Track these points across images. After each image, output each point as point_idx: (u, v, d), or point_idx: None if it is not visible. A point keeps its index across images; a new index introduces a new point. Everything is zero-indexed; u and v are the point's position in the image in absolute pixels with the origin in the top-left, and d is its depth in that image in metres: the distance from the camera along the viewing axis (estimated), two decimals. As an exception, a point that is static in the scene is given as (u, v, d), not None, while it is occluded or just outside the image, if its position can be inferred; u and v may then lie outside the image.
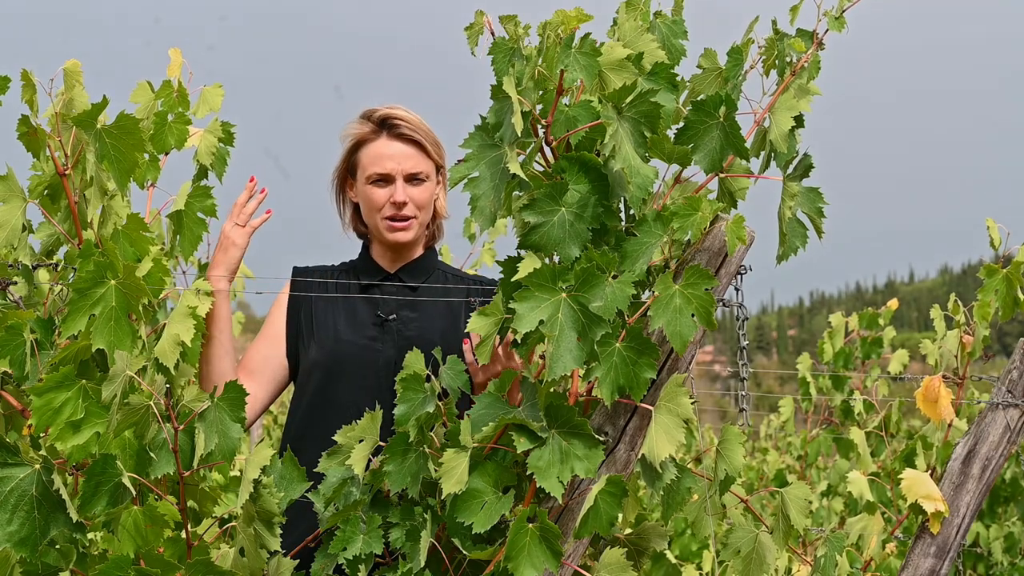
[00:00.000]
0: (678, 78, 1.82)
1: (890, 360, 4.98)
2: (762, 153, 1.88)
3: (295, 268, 2.47)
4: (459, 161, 1.78)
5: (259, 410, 2.37)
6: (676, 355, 1.78)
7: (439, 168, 2.43)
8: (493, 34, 1.79)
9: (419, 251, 2.44)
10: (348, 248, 2.56)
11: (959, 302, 3.23)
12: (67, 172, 1.96)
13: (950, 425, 3.14)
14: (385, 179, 2.36)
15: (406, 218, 2.36)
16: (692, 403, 1.69)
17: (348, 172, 2.45)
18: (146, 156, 2.12)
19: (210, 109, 2.32)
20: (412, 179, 2.36)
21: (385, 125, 2.38)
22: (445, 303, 2.37)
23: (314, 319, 2.38)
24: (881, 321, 5.15)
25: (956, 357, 3.18)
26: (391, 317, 2.35)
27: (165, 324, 1.83)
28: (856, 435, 3.75)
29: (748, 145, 1.80)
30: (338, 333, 2.35)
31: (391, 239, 2.37)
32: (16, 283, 2.05)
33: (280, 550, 1.81)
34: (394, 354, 2.29)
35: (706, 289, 1.68)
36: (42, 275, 2.18)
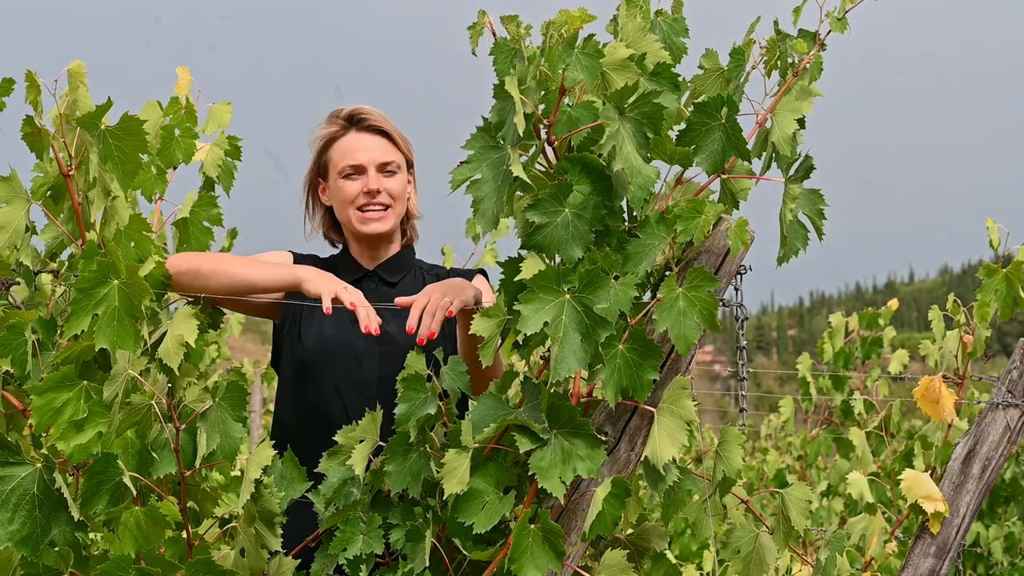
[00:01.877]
0: (679, 78, 1.81)
1: (890, 360, 4.98)
2: (764, 154, 1.88)
3: (293, 253, 2.43)
4: (461, 163, 1.77)
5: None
6: (676, 355, 1.78)
7: (410, 165, 2.43)
8: (495, 34, 1.78)
9: (396, 248, 2.43)
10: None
11: (959, 302, 3.23)
12: (71, 173, 1.96)
13: (950, 425, 3.15)
14: (357, 170, 2.35)
15: (381, 206, 2.35)
16: (694, 405, 1.69)
17: (319, 174, 2.43)
18: (153, 170, 2.13)
19: (218, 126, 2.34)
20: (384, 169, 2.36)
21: (353, 120, 2.38)
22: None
23: (302, 312, 2.35)
24: (881, 321, 5.16)
25: (956, 357, 3.18)
26: None
27: (165, 325, 1.83)
28: (856, 435, 3.75)
29: (750, 147, 1.80)
30: (321, 329, 2.33)
31: (366, 231, 2.35)
32: (18, 283, 2.06)
33: (281, 550, 1.81)
34: (374, 348, 2.28)
35: (709, 291, 1.68)
36: (45, 276, 2.18)
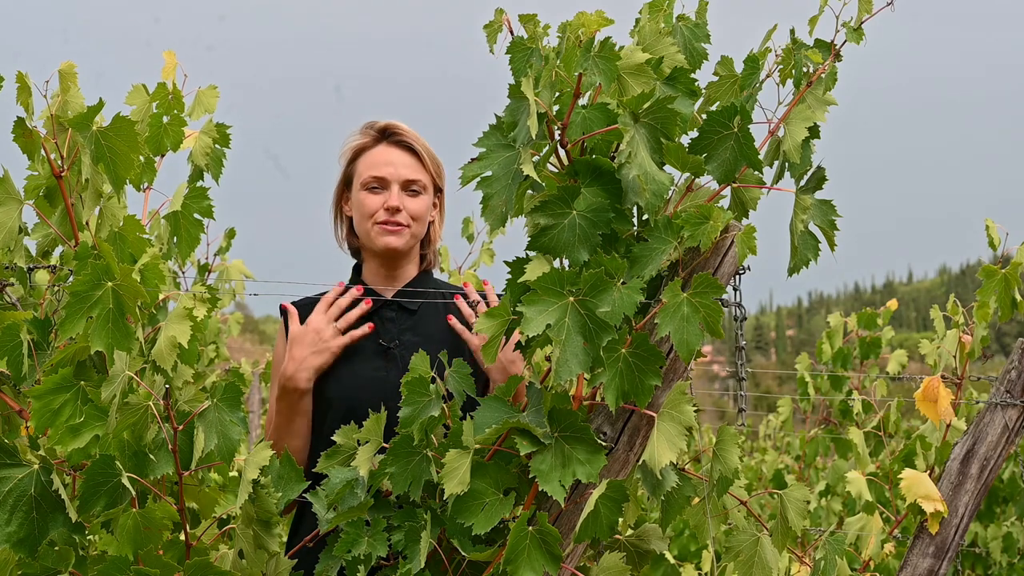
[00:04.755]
0: (696, 83, 1.78)
1: (888, 360, 4.98)
2: (775, 163, 1.86)
3: (283, 306, 2.38)
4: (472, 159, 1.76)
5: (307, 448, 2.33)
6: (675, 357, 1.78)
7: (437, 190, 2.39)
8: (512, 33, 1.77)
9: (414, 271, 2.39)
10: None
11: (958, 303, 3.23)
12: (63, 174, 1.95)
13: (948, 425, 3.14)
14: (381, 183, 2.32)
15: (399, 225, 2.30)
16: (695, 411, 1.69)
17: (345, 185, 2.40)
18: (142, 159, 2.11)
19: (205, 111, 2.31)
20: (408, 188, 2.32)
21: (385, 134, 2.35)
22: (445, 323, 2.31)
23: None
24: (880, 321, 5.16)
25: (955, 357, 3.17)
26: (393, 344, 2.30)
27: (161, 326, 1.82)
28: (855, 435, 3.74)
29: (762, 156, 1.77)
30: (347, 368, 2.29)
31: (382, 243, 2.30)
32: (13, 284, 2.05)
33: (278, 551, 1.81)
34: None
35: (715, 299, 1.67)
36: (40, 276, 2.17)
